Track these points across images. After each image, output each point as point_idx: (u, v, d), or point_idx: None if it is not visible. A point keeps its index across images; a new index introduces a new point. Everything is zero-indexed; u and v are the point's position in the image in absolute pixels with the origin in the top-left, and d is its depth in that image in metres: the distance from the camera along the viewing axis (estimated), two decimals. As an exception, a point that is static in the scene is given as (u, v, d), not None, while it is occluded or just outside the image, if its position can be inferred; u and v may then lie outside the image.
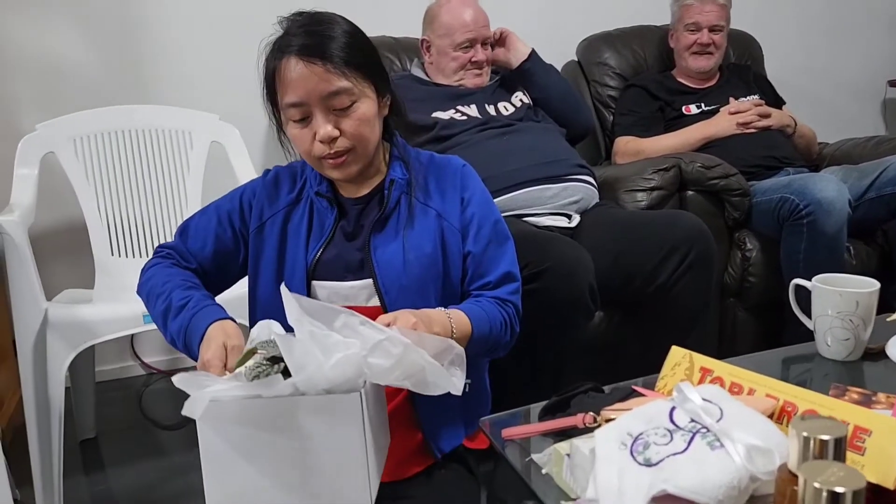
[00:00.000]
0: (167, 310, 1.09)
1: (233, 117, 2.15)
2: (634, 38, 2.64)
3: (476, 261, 1.15)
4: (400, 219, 1.14)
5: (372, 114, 1.10)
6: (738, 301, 2.09)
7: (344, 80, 1.05)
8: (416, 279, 1.11)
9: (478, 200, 1.17)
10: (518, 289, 1.17)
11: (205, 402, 0.84)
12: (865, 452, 0.75)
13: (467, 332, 1.05)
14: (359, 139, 1.09)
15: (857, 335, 1.15)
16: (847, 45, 3.18)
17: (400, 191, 1.14)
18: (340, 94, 1.05)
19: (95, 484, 1.85)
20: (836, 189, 1.88)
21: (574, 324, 1.63)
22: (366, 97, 1.09)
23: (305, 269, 1.12)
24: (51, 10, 2.20)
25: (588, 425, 0.90)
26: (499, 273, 1.15)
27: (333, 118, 1.07)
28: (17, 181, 1.85)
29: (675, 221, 1.76)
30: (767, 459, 0.67)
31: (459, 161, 1.22)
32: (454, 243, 1.15)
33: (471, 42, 2.06)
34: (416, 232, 1.13)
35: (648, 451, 0.70)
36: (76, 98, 2.18)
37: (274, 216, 1.17)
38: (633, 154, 2.29)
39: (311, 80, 1.04)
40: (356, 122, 1.07)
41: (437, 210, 1.15)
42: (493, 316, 1.11)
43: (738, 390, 0.91)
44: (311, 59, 1.04)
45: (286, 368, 0.86)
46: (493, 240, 1.16)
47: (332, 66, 1.04)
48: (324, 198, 1.15)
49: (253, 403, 0.86)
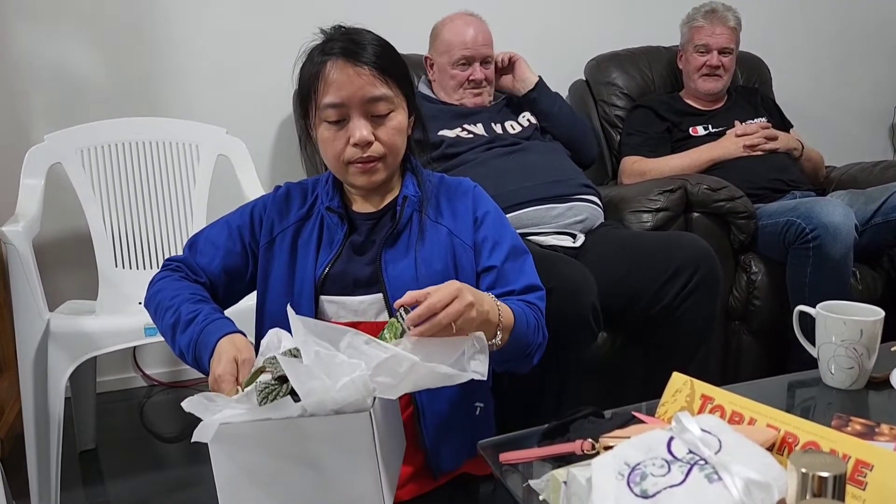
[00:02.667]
0: (175, 323, 1.09)
1: (239, 131, 2.16)
2: (642, 58, 2.64)
3: (496, 274, 1.14)
4: (412, 235, 1.14)
5: (405, 126, 1.13)
6: (743, 324, 2.07)
7: (386, 87, 1.08)
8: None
9: (491, 219, 1.18)
10: (543, 297, 1.17)
11: (215, 426, 0.85)
12: (867, 487, 0.74)
13: (510, 322, 1.04)
14: (391, 148, 1.11)
15: (861, 364, 1.14)
16: (856, 69, 3.18)
17: (413, 208, 1.15)
18: (381, 101, 1.08)
19: (94, 496, 1.84)
20: (843, 213, 1.87)
21: (577, 345, 1.62)
22: (401, 108, 1.12)
23: (314, 283, 1.12)
24: (62, 22, 2.21)
25: (586, 452, 0.89)
26: (522, 284, 1.15)
27: (371, 123, 1.09)
28: (24, 191, 1.86)
29: (680, 243, 1.75)
30: (766, 494, 0.66)
31: (471, 182, 1.23)
32: (466, 260, 1.15)
33: (468, 60, 2.07)
34: (427, 249, 1.13)
35: (645, 482, 0.69)
36: (85, 110, 2.19)
37: (284, 231, 1.17)
38: (640, 174, 2.29)
39: (356, 82, 1.06)
40: (392, 131, 1.10)
41: (449, 228, 1.15)
42: (527, 314, 1.10)
43: (738, 419, 0.90)
44: (358, 62, 1.07)
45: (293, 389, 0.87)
46: (512, 254, 1.16)
47: (377, 72, 1.07)
48: (335, 213, 1.15)
49: (263, 426, 0.86)
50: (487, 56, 2.10)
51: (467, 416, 1.15)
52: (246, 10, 2.37)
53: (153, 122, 2.12)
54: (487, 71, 2.10)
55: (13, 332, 1.66)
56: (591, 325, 1.58)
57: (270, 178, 2.41)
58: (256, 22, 2.37)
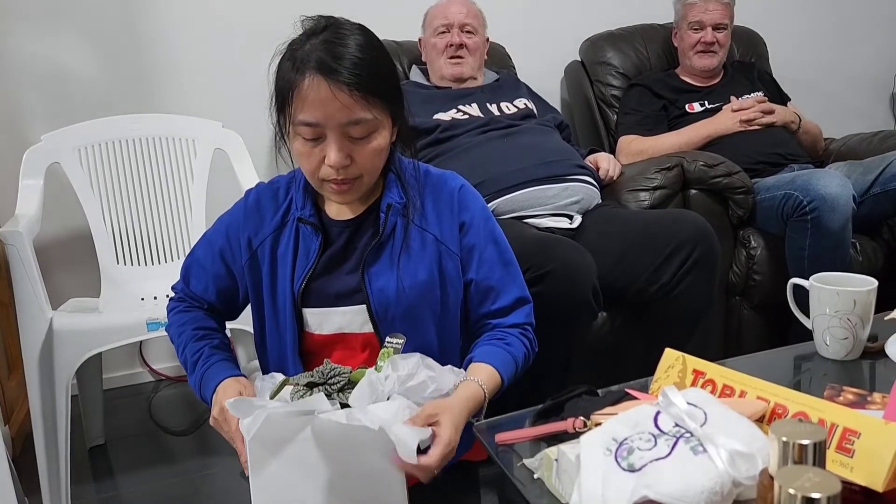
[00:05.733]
0: (185, 363, 1.15)
1: (235, 124, 2.16)
2: (637, 36, 2.63)
3: (482, 288, 1.14)
4: (395, 244, 1.10)
5: (386, 145, 1.06)
6: (744, 299, 2.07)
7: (367, 111, 1.00)
8: (411, 307, 1.09)
9: (477, 225, 1.14)
10: (531, 310, 1.18)
11: (261, 418, 0.90)
12: (854, 455, 0.74)
13: (497, 385, 1.09)
14: (368, 170, 1.05)
15: (856, 334, 1.14)
16: (854, 39, 3.15)
17: (397, 216, 1.11)
18: (361, 124, 1.01)
19: (104, 491, 1.86)
20: (840, 184, 1.86)
21: (578, 325, 1.63)
22: (383, 129, 1.05)
23: (293, 297, 1.10)
24: (56, 21, 2.22)
25: (578, 430, 0.90)
26: (511, 297, 1.15)
27: (348, 145, 1.02)
28: (23, 192, 1.87)
29: (678, 220, 1.75)
30: (750, 464, 0.66)
31: (457, 181, 1.17)
32: (452, 269, 1.12)
33: (447, 27, 2.08)
34: (412, 258, 1.10)
35: (632, 456, 0.70)
36: (81, 109, 2.20)
37: (262, 244, 1.14)
38: (636, 153, 2.28)
39: (333, 104, 0.98)
40: (370, 154, 1.04)
41: (435, 235, 1.11)
42: (517, 353, 1.13)
43: (729, 392, 0.91)
44: (338, 82, 0.98)
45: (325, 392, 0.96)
46: (499, 263, 1.15)
47: (357, 94, 0.98)
48: (307, 224, 1.11)
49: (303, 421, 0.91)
50: (466, 24, 2.11)
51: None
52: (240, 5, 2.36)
53: (149, 118, 2.12)
54: (469, 40, 2.10)
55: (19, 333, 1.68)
56: (591, 306, 1.58)
57: (267, 170, 2.41)
58: (248, 14, 2.37)
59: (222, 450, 2.05)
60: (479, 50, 2.15)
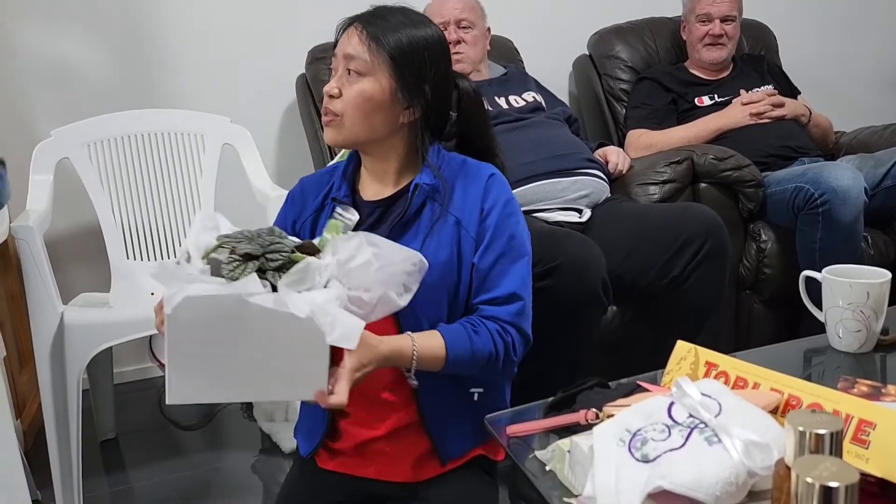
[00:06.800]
0: None
1: (244, 119, 2.16)
2: (645, 30, 2.62)
3: (482, 274, 1.12)
4: (421, 225, 1.12)
5: (373, 96, 1.10)
6: (754, 293, 2.07)
7: (364, 50, 1.10)
8: (429, 287, 1.07)
9: (498, 212, 1.13)
10: (522, 309, 1.13)
11: (178, 298, 0.85)
12: (870, 446, 0.74)
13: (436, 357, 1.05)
14: (349, 109, 1.10)
15: (869, 326, 1.14)
16: (864, 32, 3.13)
17: (424, 196, 1.12)
18: (353, 59, 1.10)
19: (115, 484, 1.87)
20: (852, 177, 1.85)
21: (587, 319, 1.62)
22: (375, 79, 1.10)
23: None
24: (64, 17, 2.22)
25: (590, 422, 0.89)
26: (505, 290, 1.12)
27: (343, 79, 1.11)
28: (33, 187, 1.88)
29: (688, 214, 1.74)
30: (765, 454, 0.66)
31: (489, 170, 1.17)
32: (468, 252, 1.12)
33: (443, 25, 2.08)
34: (434, 239, 1.11)
35: (646, 447, 0.70)
36: (90, 104, 2.20)
37: (304, 225, 1.19)
38: (646, 147, 2.27)
39: (345, 39, 1.12)
40: (353, 93, 1.10)
41: (457, 217, 1.12)
42: (480, 344, 1.08)
43: (742, 384, 0.90)
44: (358, 23, 1.12)
45: (260, 267, 0.89)
46: (506, 254, 1.13)
47: (366, 35, 1.10)
48: (341, 203, 1.16)
49: (228, 302, 0.86)
50: (462, 19, 2.10)
51: (466, 402, 1.14)
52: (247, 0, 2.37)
53: (158, 113, 2.13)
54: (467, 35, 2.09)
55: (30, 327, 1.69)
56: (601, 300, 1.58)
57: (276, 165, 2.41)
58: (256, 10, 2.37)
59: (233, 444, 2.06)
60: (479, 41, 2.14)
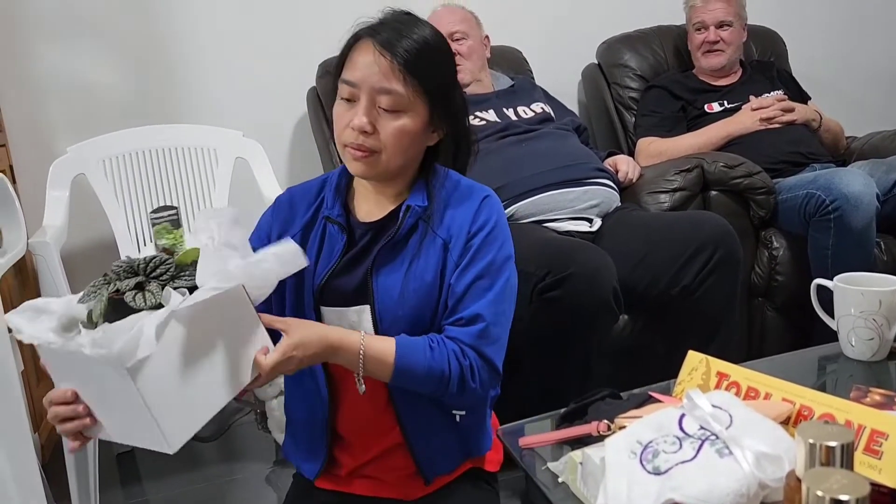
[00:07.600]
0: None
1: (256, 133, 2.19)
2: (654, 38, 2.62)
3: (456, 296, 1.08)
4: (409, 247, 1.10)
5: (413, 131, 1.06)
6: (767, 301, 2.06)
7: (401, 85, 1.03)
8: (413, 309, 1.07)
9: (483, 235, 1.09)
10: (484, 332, 1.06)
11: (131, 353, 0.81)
12: (882, 456, 0.74)
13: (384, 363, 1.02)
14: (388, 147, 1.05)
15: (882, 334, 1.13)
16: (874, 36, 3.11)
17: (415, 218, 1.10)
18: (391, 95, 1.03)
19: (132, 497, 1.88)
20: (863, 183, 1.84)
21: (599, 328, 1.63)
22: (414, 113, 1.05)
23: (313, 293, 1.11)
24: (79, 35, 2.25)
25: (602, 433, 0.90)
26: (471, 312, 1.06)
27: (375, 113, 1.04)
28: (50, 203, 1.91)
29: (699, 222, 1.75)
30: (776, 466, 0.66)
31: (484, 192, 1.14)
32: (449, 274, 1.09)
33: None
34: (421, 261, 1.09)
35: (657, 459, 0.70)
36: (104, 120, 2.22)
37: (294, 237, 1.12)
38: (656, 155, 2.28)
39: (371, 68, 1.03)
40: (393, 130, 1.05)
41: (444, 239, 1.10)
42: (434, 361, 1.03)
43: (754, 395, 0.90)
44: (384, 49, 1.03)
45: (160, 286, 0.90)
46: (482, 277, 1.08)
47: (397, 65, 1.02)
48: (334, 223, 1.12)
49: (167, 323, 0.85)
50: (456, 32, 2.11)
51: (449, 423, 1.12)
52: (257, 15, 2.39)
53: (171, 129, 2.16)
54: (462, 47, 2.11)
55: (47, 341, 1.71)
56: (612, 308, 1.58)
57: (288, 178, 2.43)
58: (269, 25, 2.39)
59: (248, 455, 2.07)
60: (476, 51, 2.15)
